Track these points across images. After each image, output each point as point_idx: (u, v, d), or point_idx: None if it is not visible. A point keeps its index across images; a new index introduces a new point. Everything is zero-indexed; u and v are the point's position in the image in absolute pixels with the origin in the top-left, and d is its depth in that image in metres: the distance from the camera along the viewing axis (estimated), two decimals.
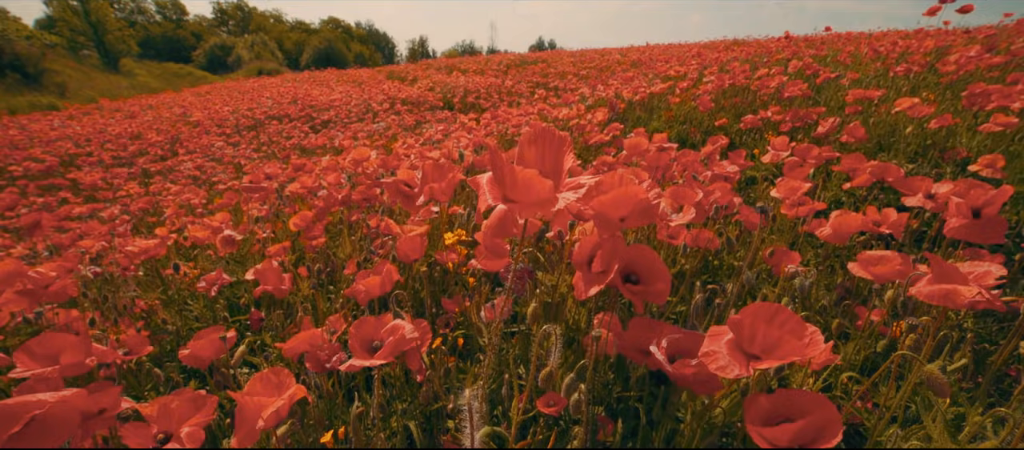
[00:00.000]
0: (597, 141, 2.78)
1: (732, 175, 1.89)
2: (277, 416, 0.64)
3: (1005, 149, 2.58)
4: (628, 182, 0.75)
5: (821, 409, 0.51)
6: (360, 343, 0.73)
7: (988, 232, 0.95)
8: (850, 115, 3.31)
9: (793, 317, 0.54)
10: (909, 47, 4.97)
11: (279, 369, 0.73)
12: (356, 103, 10.75)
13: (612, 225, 0.75)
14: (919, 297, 0.64)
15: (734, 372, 0.52)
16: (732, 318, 0.56)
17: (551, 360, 0.68)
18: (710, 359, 0.54)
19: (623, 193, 0.74)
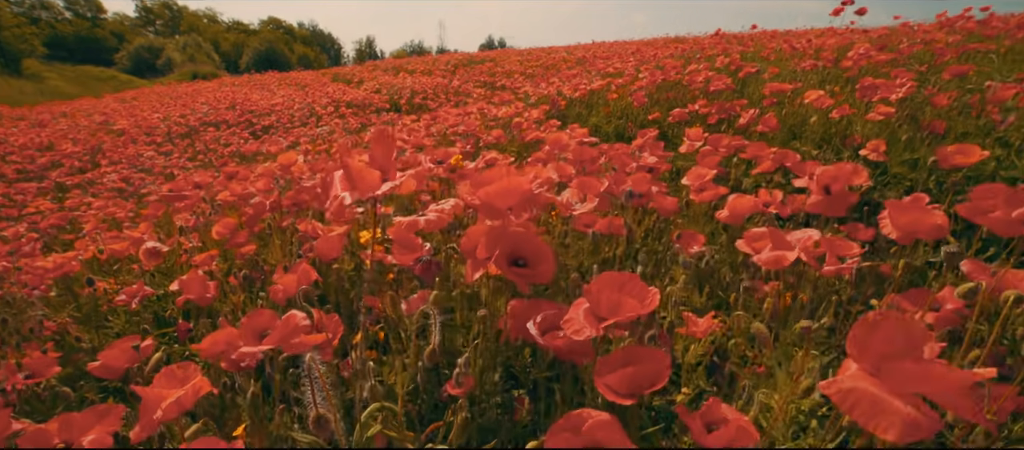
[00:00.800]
0: (533, 138, 2.87)
1: (657, 166, 2.02)
2: (179, 406, 0.66)
3: (889, 135, 2.88)
4: (512, 174, 0.81)
5: (653, 360, 0.59)
6: (252, 333, 0.76)
7: (837, 206, 1.10)
8: (767, 107, 3.58)
9: (638, 283, 0.63)
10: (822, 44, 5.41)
11: (185, 364, 0.75)
12: (299, 107, 10.40)
13: (500, 214, 0.82)
14: (759, 263, 0.75)
15: (587, 333, 0.60)
16: (585, 286, 0.63)
17: (433, 339, 0.73)
18: (568, 325, 0.62)
19: (508, 184, 0.80)
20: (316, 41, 57.94)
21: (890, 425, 0.38)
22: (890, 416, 0.38)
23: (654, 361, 0.59)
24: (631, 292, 0.62)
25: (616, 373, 0.58)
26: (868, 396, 0.40)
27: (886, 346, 0.43)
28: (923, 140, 2.92)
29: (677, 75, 4.54)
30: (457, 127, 3.64)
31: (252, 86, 16.03)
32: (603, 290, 0.62)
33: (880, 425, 0.39)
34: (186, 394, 0.65)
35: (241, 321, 0.76)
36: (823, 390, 0.42)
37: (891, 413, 0.38)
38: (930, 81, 3.69)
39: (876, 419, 0.39)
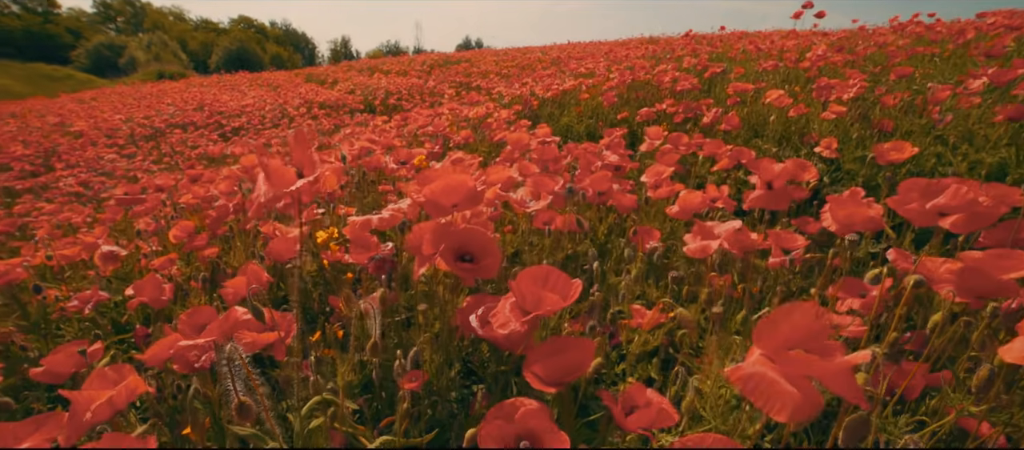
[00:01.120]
0: (502, 138, 2.89)
1: (622, 164, 2.07)
2: (111, 407, 0.65)
3: (842, 133, 3.01)
4: (456, 172, 0.83)
5: (578, 349, 0.62)
6: (191, 329, 0.76)
7: (778, 201, 1.15)
8: (730, 106, 3.69)
9: (562, 277, 0.66)
10: (783, 46, 5.59)
11: (120, 366, 0.74)
12: (270, 108, 10.19)
13: (444, 211, 0.84)
14: (687, 253, 0.79)
15: (512, 325, 0.62)
16: (510, 281, 0.66)
17: (373, 334, 0.75)
18: (495, 319, 0.64)
19: (452, 182, 0.82)
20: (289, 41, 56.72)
21: (782, 408, 0.41)
22: (783, 399, 0.42)
23: (579, 350, 0.62)
24: (554, 286, 0.65)
25: (542, 362, 0.61)
26: (766, 381, 0.43)
27: (789, 335, 0.47)
28: (873, 138, 3.06)
29: (646, 75, 4.64)
30: (426, 128, 3.64)
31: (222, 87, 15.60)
32: (526, 284, 0.64)
33: (773, 408, 0.42)
34: (118, 394, 0.65)
35: (180, 318, 0.76)
36: (727, 375, 0.46)
37: (783, 396, 0.42)
38: (882, 81, 3.87)
39: (771, 402, 0.43)
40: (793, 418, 0.40)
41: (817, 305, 0.47)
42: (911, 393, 1.02)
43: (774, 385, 0.41)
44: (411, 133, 3.69)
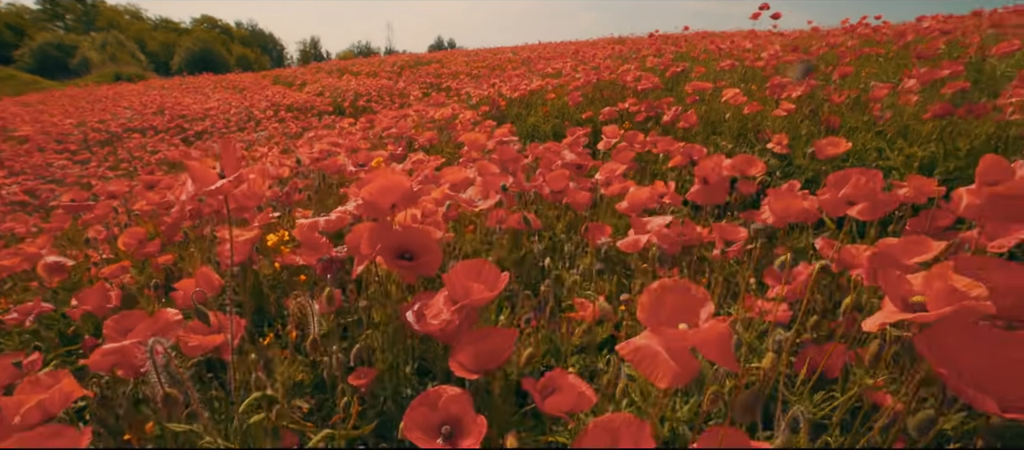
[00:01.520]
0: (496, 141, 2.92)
1: (582, 162, 2.12)
2: (41, 411, 0.65)
3: (792, 129, 3.16)
4: (393, 172, 0.86)
5: (499, 338, 0.66)
6: (119, 333, 0.76)
7: (715, 195, 1.22)
8: (690, 104, 3.81)
9: (492, 270, 0.69)
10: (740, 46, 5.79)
11: (57, 372, 0.74)
12: (236, 111, 9.92)
13: (382, 211, 0.86)
14: (620, 247, 0.83)
15: (444, 316, 0.65)
16: (444, 275, 0.69)
17: (312, 331, 0.77)
18: (428, 311, 0.67)
19: (388, 182, 0.85)
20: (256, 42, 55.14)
21: (662, 376, 0.45)
22: (662, 368, 0.46)
23: (500, 339, 0.65)
24: (483, 279, 0.68)
25: (466, 350, 0.64)
26: (650, 353, 0.47)
27: (671, 311, 0.51)
28: (822, 133, 3.22)
29: (611, 75, 4.74)
30: (390, 130, 3.63)
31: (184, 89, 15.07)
32: (458, 277, 0.67)
33: (655, 375, 0.47)
34: (50, 398, 0.65)
35: (106, 324, 0.76)
36: (619, 350, 0.50)
37: (663, 365, 0.46)
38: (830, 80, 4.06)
39: (653, 371, 0.47)
40: (672, 384, 0.45)
41: (690, 283, 0.51)
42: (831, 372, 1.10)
43: (656, 356, 0.46)
44: (376, 135, 3.67)
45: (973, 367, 0.46)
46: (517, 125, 4.48)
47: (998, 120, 2.71)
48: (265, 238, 1.30)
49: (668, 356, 0.45)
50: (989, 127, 2.77)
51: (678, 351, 0.45)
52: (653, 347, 0.46)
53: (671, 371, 0.44)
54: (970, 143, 2.71)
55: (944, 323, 0.53)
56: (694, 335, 0.46)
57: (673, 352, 0.45)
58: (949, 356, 0.47)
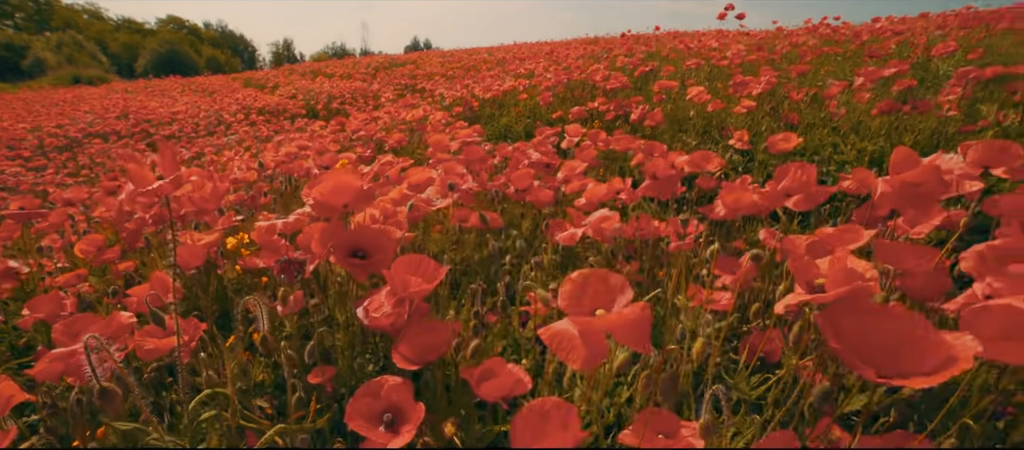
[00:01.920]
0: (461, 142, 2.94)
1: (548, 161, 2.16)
2: None
3: (753, 125, 3.28)
4: (345, 172, 0.88)
5: (440, 331, 0.69)
6: (67, 336, 0.77)
7: (664, 190, 1.27)
8: (657, 103, 3.91)
9: (430, 264, 0.72)
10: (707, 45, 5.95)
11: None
12: (205, 115, 9.67)
13: (335, 211, 0.88)
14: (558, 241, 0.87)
15: (387, 309, 0.68)
16: (385, 271, 0.72)
17: (262, 328, 0.78)
18: (373, 306, 0.70)
19: (340, 182, 0.87)
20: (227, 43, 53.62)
21: (576, 359, 0.49)
22: (576, 351, 0.50)
23: (440, 332, 0.69)
24: (422, 272, 0.71)
25: (407, 343, 0.67)
26: (567, 337, 0.51)
27: (591, 298, 0.55)
28: (781, 129, 3.34)
29: (581, 75, 4.81)
30: (359, 132, 3.62)
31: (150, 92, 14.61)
32: (397, 272, 0.70)
33: (570, 359, 0.51)
34: None
35: (54, 328, 0.76)
36: (540, 335, 0.53)
37: (577, 349, 0.50)
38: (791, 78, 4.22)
39: (568, 354, 0.51)
40: (584, 366, 0.49)
41: (610, 272, 0.55)
42: (773, 356, 1.17)
43: (572, 340, 0.49)
44: (347, 138, 3.65)
45: (859, 341, 0.51)
46: (490, 126, 4.51)
47: (939, 116, 2.87)
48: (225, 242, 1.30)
49: (581, 340, 0.49)
50: (932, 122, 2.93)
51: (591, 335, 0.49)
52: (570, 332, 0.50)
53: (583, 354, 0.48)
54: (915, 138, 2.87)
55: (840, 303, 0.58)
56: (604, 320, 0.50)
57: (586, 336, 0.49)
58: (841, 332, 0.52)
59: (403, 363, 0.67)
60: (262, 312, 0.77)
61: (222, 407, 0.83)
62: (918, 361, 0.48)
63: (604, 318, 0.48)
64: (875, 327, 0.50)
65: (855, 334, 0.51)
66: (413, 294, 0.69)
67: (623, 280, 0.54)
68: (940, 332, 0.49)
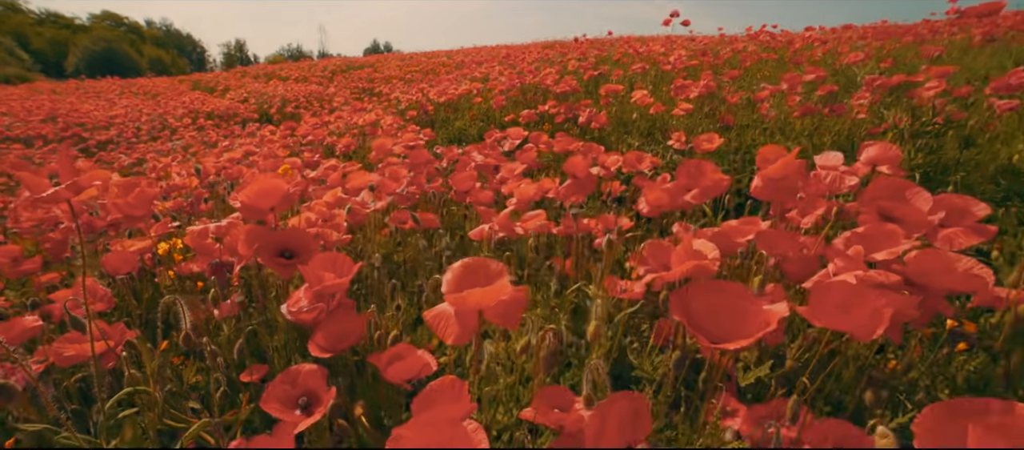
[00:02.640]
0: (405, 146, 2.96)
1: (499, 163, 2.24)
2: None
3: (694, 127, 3.48)
4: (271, 177, 0.92)
5: (352, 322, 0.75)
6: None
7: (583, 188, 1.37)
8: (604, 106, 4.08)
9: (346, 261, 0.78)
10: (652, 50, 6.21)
11: None
12: (148, 119, 9.19)
13: (261, 213, 0.92)
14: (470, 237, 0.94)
15: (303, 303, 0.73)
16: (301, 267, 0.77)
17: (183, 326, 0.81)
18: (292, 303, 0.75)
19: (266, 186, 0.91)
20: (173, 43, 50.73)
21: (449, 335, 0.57)
22: (450, 329, 0.57)
23: (351, 323, 0.75)
24: (337, 268, 0.77)
25: (320, 333, 0.72)
26: (444, 316, 0.59)
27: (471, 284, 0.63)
28: (718, 131, 3.56)
29: (533, 79, 4.93)
30: (307, 136, 3.58)
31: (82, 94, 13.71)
32: (314, 268, 0.76)
33: (445, 335, 0.58)
34: None
35: None
36: (424, 317, 0.60)
37: (452, 326, 0.57)
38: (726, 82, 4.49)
39: (444, 331, 0.58)
40: (456, 341, 0.56)
41: (491, 261, 0.63)
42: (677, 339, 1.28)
43: (447, 319, 0.57)
44: (297, 143, 3.61)
45: (700, 313, 0.61)
46: (444, 129, 4.56)
47: (853, 118, 3.16)
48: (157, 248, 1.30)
49: (455, 319, 0.56)
50: (847, 124, 3.22)
51: (463, 315, 0.57)
52: (447, 311, 0.57)
53: (455, 330, 0.56)
54: (833, 138, 3.14)
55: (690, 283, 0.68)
56: (473, 299, 0.57)
57: (459, 316, 0.56)
58: (685, 306, 0.61)
59: (317, 351, 0.72)
60: (183, 311, 0.80)
61: (148, 408, 0.85)
62: (743, 327, 0.58)
63: (473, 295, 0.56)
64: (712, 301, 0.60)
65: (698, 308, 0.61)
66: (327, 288, 0.74)
67: (502, 267, 0.62)
68: (760, 302, 0.59)
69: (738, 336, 0.57)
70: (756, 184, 1.01)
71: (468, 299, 0.55)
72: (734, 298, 0.60)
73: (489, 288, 0.56)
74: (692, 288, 0.62)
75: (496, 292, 0.56)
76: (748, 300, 0.60)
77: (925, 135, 2.89)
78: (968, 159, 2.72)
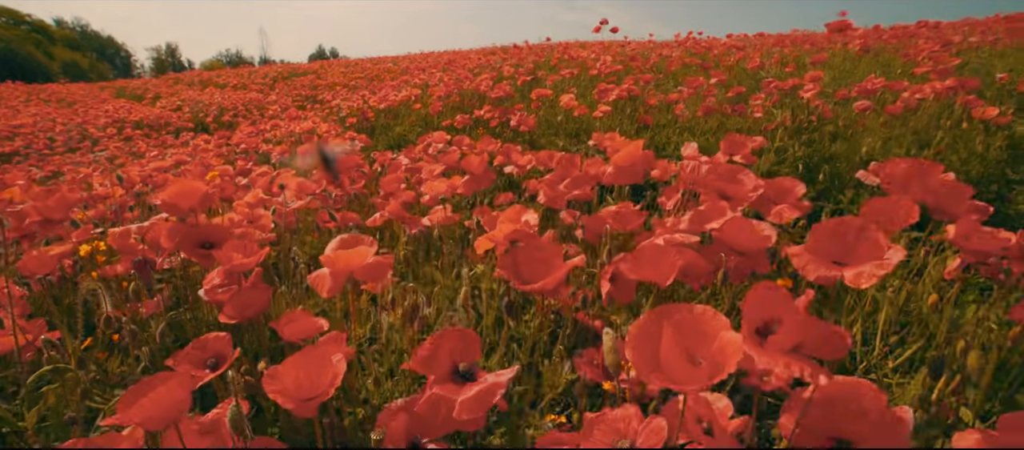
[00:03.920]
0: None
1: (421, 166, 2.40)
2: None
3: (616, 127, 3.79)
4: (190, 179, 1.05)
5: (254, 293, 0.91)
6: None
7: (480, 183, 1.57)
8: (534, 109, 4.34)
9: (254, 246, 0.94)
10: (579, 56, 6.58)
11: None
12: (63, 128, 8.60)
13: (182, 211, 1.05)
14: (367, 224, 1.11)
15: (216, 281, 0.88)
16: (214, 252, 0.92)
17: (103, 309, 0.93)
18: (207, 282, 0.89)
19: (186, 187, 1.04)
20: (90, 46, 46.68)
21: (324, 290, 0.74)
22: (325, 285, 0.75)
23: (257, 295, 0.90)
24: (245, 252, 0.92)
25: (229, 304, 0.87)
26: (321, 276, 0.77)
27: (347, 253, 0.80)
28: (637, 131, 3.90)
29: (470, 84, 5.13)
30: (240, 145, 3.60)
31: None
32: (226, 251, 0.91)
33: (321, 289, 0.76)
34: None
35: None
36: (307, 279, 0.77)
37: (326, 283, 0.75)
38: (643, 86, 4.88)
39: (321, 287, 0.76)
40: (329, 294, 0.74)
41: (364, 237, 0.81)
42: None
43: (324, 278, 0.75)
44: (231, 151, 3.60)
45: (522, 265, 0.82)
46: (385, 135, 4.66)
47: (751, 117, 3.57)
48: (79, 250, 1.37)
49: (329, 277, 0.74)
50: (748, 122, 3.62)
51: (335, 274, 0.74)
52: (324, 272, 0.75)
53: (328, 285, 0.74)
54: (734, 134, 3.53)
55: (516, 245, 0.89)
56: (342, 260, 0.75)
57: (332, 274, 0.74)
58: (513, 262, 0.82)
59: (224, 318, 0.86)
60: (104, 296, 0.92)
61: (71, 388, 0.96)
62: (548, 275, 0.79)
63: (340, 256, 0.74)
64: (530, 255, 0.81)
65: (522, 261, 0.81)
66: (236, 266, 0.89)
67: (371, 241, 0.80)
68: (561, 256, 0.80)
69: (542, 280, 0.78)
70: (609, 171, 1.25)
71: (337, 260, 0.73)
72: (546, 253, 0.81)
73: (353, 250, 0.74)
74: (518, 249, 0.83)
75: (360, 255, 0.74)
76: (554, 255, 0.81)
77: (805, 131, 3.33)
78: (838, 152, 3.16)
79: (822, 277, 0.82)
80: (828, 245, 0.85)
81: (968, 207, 1.04)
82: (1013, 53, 4.08)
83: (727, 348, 0.52)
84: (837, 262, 0.84)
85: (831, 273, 0.81)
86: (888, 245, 0.81)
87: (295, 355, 0.66)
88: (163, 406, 0.58)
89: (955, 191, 1.05)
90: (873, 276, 0.77)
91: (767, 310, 0.62)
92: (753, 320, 0.61)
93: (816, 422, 0.66)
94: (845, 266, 0.81)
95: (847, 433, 0.65)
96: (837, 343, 0.62)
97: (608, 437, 0.56)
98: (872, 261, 0.79)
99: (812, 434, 0.67)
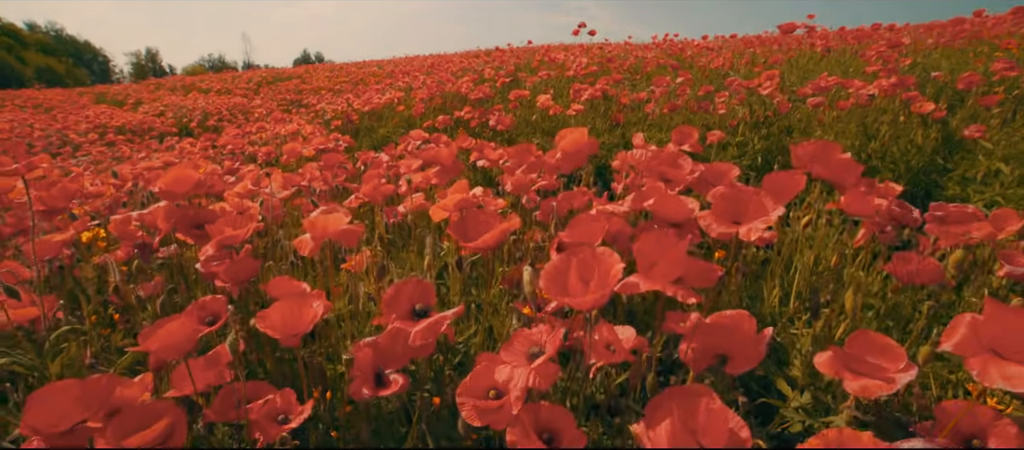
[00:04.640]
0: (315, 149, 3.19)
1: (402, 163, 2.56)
2: None
3: (589, 126, 3.98)
4: (184, 167, 1.20)
5: (245, 263, 1.06)
6: None
7: (449, 173, 1.73)
8: (512, 110, 4.51)
9: (242, 221, 1.09)
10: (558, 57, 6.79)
11: None
12: (41, 134, 8.56)
13: (177, 197, 1.19)
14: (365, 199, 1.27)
15: (210, 252, 1.03)
16: (208, 226, 1.07)
17: (112, 279, 1.08)
18: (201, 254, 1.04)
19: (180, 175, 1.18)
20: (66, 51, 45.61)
21: (305, 249, 0.90)
22: (306, 246, 0.90)
23: (247, 265, 1.05)
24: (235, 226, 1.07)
25: (224, 273, 1.02)
26: (305, 241, 0.92)
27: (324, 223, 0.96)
28: (610, 129, 4.09)
29: (452, 87, 5.29)
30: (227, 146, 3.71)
31: None
32: (217, 226, 1.05)
33: (303, 250, 0.91)
34: None
35: None
36: (293, 244, 0.93)
37: (307, 245, 0.90)
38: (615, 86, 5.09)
39: (303, 249, 0.91)
40: (310, 254, 0.89)
41: (338, 206, 0.97)
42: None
43: (306, 241, 0.90)
44: (217, 153, 3.71)
45: (470, 229, 0.98)
46: (369, 137, 4.79)
47: (715, 113, 3.78)
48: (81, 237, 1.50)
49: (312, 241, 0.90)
50: (714, 118, 3.84)
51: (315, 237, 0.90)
52: (307, 237, 0.91)
53: (309, 246, 0.90)
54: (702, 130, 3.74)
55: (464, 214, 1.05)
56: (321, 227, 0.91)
57: (313, 237, 0.90)
58: (462, 228, 0.98)
59: (220, 284, 1.01)
60: (112, 267, 1.06)
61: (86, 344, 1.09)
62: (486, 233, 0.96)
63: (319, 221, 0.89)
64: (476, 220, 0.98)
65: (469, 225, 0.98)
66: (227, 239, 1.04)
67: (347, 213, 0.96)
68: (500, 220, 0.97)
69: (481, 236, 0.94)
70: (557, 157, 1.42)
71: (316, 224, 0.88)
72: (488, 217, 0.97)
73: (330, 216, 0.90)
74: (466, 214, 0.99)
75: (336, 221, 0.90)
76: (496, 219, 0.97)
77: (763, 125, 3.55)
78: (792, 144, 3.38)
79: (723, 233, 1.00)
80: (728, 208, 1.03)
81: (857, 180, 1.23)
82: (957, 54, 4.36)
83: (612, 276, 0.68)
84: (735, 221, 1.02)
85: (730, 230, 0.99)
86: (773, 207, 0.99)
87: (281, 300, 0.81)
88: (176, 337, 0.73)
89: (848, 167, 1.24)
90: (758, 230, 0.95)
91: (656, 252, 0.79)
92: (645, 258, 0.78)
93: (705, 342, 0.84)
94: (739, 225, 0.99)
95: (725, 349, 0.83)
96: (711, 276, 0.79)
97: (525, 346, 0.72)
98: (759, 218, 0.97)
99: (702, 353, 0.85)
